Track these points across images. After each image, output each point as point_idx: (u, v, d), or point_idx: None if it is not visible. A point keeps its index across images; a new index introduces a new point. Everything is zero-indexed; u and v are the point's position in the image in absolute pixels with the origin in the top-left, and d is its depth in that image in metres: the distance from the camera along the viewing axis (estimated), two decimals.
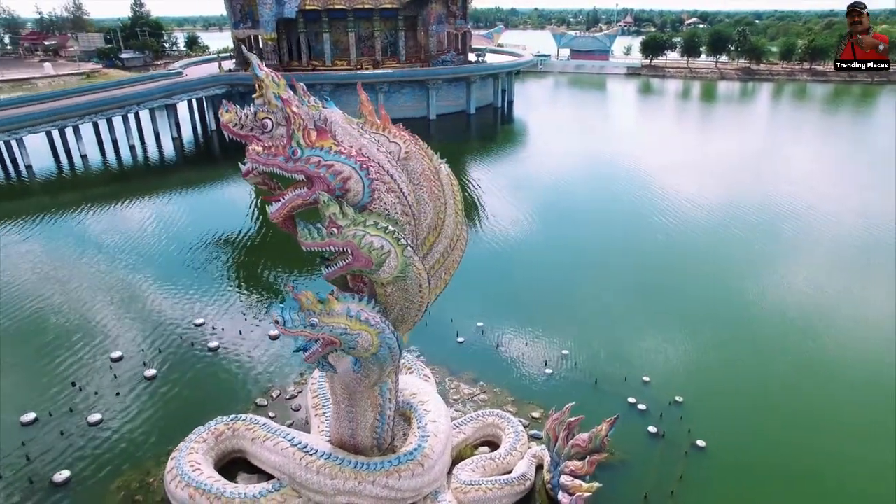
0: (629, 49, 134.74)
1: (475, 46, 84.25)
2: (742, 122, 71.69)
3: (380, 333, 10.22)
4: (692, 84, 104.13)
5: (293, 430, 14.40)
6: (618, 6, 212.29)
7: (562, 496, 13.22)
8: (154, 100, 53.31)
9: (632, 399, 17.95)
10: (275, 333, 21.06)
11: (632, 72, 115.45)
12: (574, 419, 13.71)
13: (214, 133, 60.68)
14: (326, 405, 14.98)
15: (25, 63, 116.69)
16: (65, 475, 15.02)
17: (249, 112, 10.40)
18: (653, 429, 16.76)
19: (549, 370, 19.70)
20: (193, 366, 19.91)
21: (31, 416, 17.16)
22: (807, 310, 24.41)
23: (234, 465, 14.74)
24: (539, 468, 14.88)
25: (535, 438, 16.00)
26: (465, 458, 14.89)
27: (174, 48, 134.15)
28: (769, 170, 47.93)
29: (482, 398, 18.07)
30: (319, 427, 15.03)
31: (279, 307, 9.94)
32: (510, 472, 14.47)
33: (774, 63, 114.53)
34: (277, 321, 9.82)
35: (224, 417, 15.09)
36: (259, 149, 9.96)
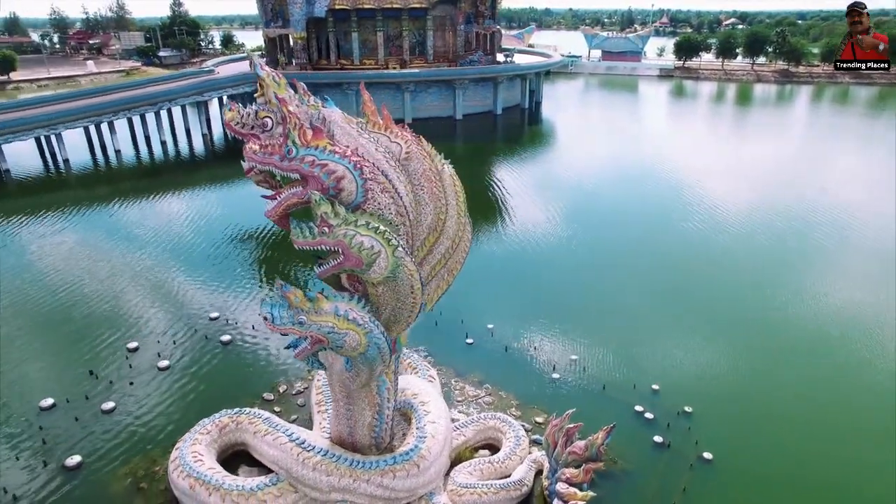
0: (662, 50, 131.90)
1: (504, 46, 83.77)
2: (778, 126, 69.46)
3: (367, 333, 10.24)
4: (727, 86, 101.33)
5: (293, 426, 14.57)
6: (653, 6, 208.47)
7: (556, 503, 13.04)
8: (185, 97, 54.71)
9: (639, 407, 17.56)
10: None
11: (664, 73, 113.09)
12: (573, 426, 13.51)
13: None
14: (329, 402, 15.06)
15: (71, 61, 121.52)
16: (76, 460, 15.52)
17: (251, 111, 10.62)
18: (659, 438, 16.35)
19: (557, 375, 19.44)
20: (205, 358, 20.33)
21: (50, 402, 17.81)
22: (830, 324, 23.36)
23: (238, 458, 15.02)
24: (539, 474, 14.70)
25: (537, 443, 15.79)
26: (465, 461, 14.84)
27: (210, 46, 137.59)
28: (802, 177, 46.26)
29: (486, 400, 17.97)
30: (321, 424, 15.19)
31: (268, 304, 10.06)
32: (508, 477, 14.36)
33: (815, 65, 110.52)
34: (266, 318, 9.95)
35: (229, 410, 15.38)
36: (256, 147, 10.14)
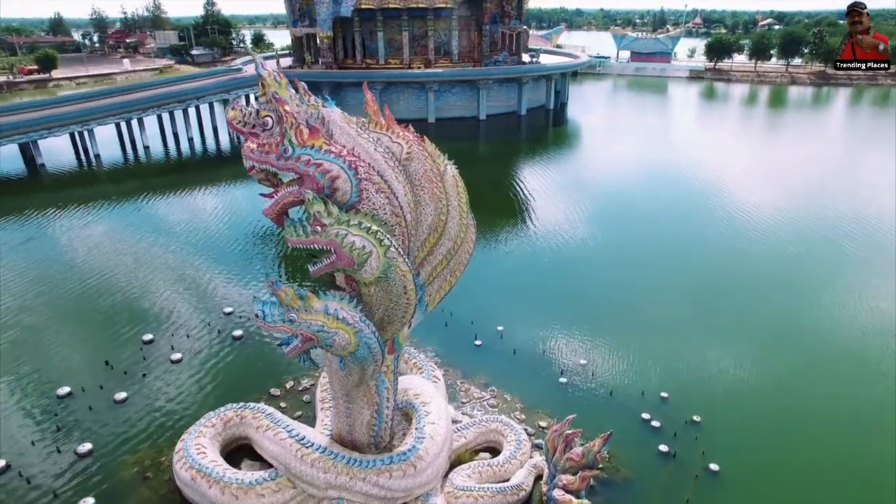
0: (693, 51, 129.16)
1: (531, 47, 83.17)
2: (813, 130, 67.45)
3: (357, 333, 10.26)
4: (759, 89, 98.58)
5: (295, 423, 14.69)
6: (686, 6, 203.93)
7: None
8: (212, 95, 55.88)
9: (646, 415, 17.22)
10: None
11: (694, 75, 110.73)
12: (572, 431, 13.32)
13: None
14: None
15: (109, 59, 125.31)
16: (87, 447, 15.98)
17: (253, 110, 10.75)
18: (664, 447, 16.01)
19: (564, 379, 19.20)
20: (217, 353, 20.68)
21: (66, 390, 18.37)
22: (855, 341, 22.24)
23: (241, 452, 15.25)
24: (539, 479, 14.55)
25: (539, 448, 15.64)
26: (464, 463, 14.78)
27: (241, 45, 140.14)
28: (836, 184, 44.64)
29: (491, 403, 17.86)
30: (323, 421, 15.29)
31: (260, 302, 10.17)
32: (507, 481, 14.25)
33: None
34: (257, 315, 10.05)
35: (234, 404, 15.64)
36: (253, 146, 10.25)
